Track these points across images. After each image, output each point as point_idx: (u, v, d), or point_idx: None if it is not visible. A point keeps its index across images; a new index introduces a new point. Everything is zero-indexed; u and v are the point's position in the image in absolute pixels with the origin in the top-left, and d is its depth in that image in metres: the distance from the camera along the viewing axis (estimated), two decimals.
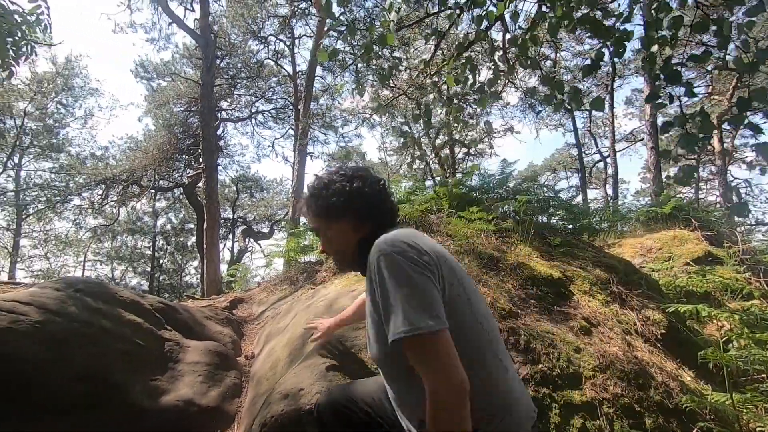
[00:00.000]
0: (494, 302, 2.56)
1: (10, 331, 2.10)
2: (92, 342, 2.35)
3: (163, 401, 2.33)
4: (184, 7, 12.63)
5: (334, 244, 1.32)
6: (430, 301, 1.01)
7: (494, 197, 4.48)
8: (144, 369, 2.44)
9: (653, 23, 1.89)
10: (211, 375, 2.63)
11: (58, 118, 18.84)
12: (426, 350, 0.98)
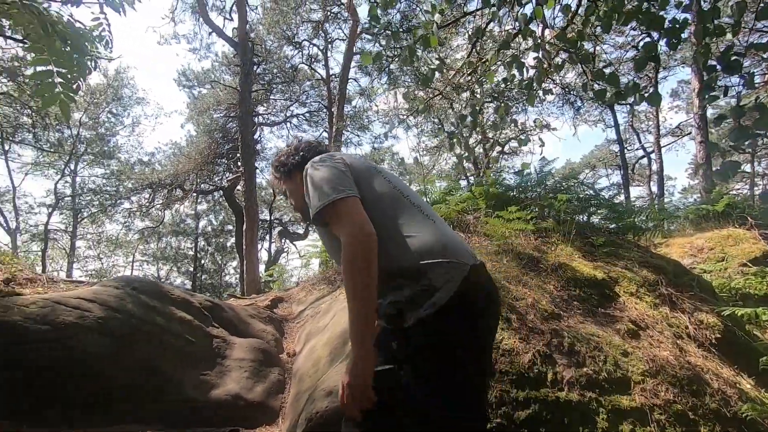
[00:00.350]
0: (535, 303, 2.52)
1: (77, 326, 2.26)
2: (148, 337, 2.49)
3: (213, 395, 2.44)
4: (223, 17, 13.14)
5: (293, 199, 1.51)
6: (338, 180, 1.22)
7: (533, 196, 4.38)
8: (195, 364, 2.57)
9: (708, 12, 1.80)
10: (256, 371, 2.73)
11: (108, 126, 20.03)
12: (336, 213, 1.16)
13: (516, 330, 2.25)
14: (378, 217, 1.18)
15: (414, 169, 18.60)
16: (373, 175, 1.33)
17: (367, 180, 1.29)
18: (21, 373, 2.03)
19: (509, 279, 2.77)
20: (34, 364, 2.07)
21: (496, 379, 1.97)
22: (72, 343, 2.23)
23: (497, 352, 2.09)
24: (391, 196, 1.28)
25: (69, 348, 2.21)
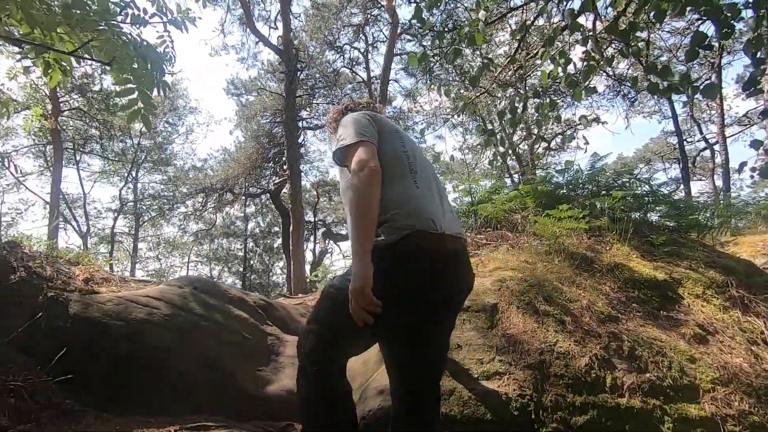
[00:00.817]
0: (591, 305, 2.43)
1: (147, 323, 2.44)
2: (209, 334, 2.64)
3: (269, 390, 2.55)
4: (268, 27, 13.64)
5: None
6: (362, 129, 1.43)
7: (584, 194, 4.21)
8: (252, 360, 2.69)
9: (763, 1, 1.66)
10: None
11: (165, 135, 21.35)
12: (350, 152, 1.38)
13: (571, 333, 2.18)
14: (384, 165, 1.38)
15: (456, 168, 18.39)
16: (393, 136, 1.52)
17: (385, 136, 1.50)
18: (102, 366, 2.22)
19: (562, 280, 2.69)
20: (112, 357, 2.26)
21: (550, 382, 1.92)
22: (143, 338, 2.40)
23: (551, 355, 2.04)
24: (394, 156, 1.46)
25: (140, 342, 2.39)
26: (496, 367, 1.99)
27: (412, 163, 1.47)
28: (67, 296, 2.39)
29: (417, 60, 2.46)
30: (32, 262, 2.52)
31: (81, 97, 15.72)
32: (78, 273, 2.75)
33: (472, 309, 2.35)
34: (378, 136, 1.47)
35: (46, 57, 1.82)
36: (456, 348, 2.10)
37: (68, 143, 17.36)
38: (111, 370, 2.25)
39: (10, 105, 2.44)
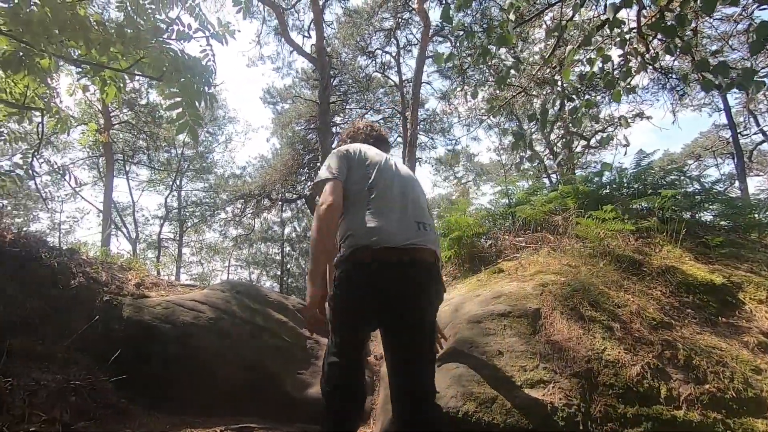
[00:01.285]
0: (641, 311, 2.30)
1: (193, 325, 2.54)
2: (251, 337, 2.72)
3: (308, 393, 2.59)
4: (302, 36, 13.96)
5: None
6: (333, 168, 1.73)
7: (629, 193, 4.02)
8: (292, 363, 2.74)
9: None
10: None
11: (206, 144, 22.25)
12: (319, 188, 1.70)
13: (620, 340, 2.08)
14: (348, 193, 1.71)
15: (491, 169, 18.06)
16: (362, 166, 1.78)
17: (354, 170, 1.77)
18: (152, 366, 2.32)
19: (608, 284, 2.57)
20: (162, 359, 2.37)
21: (599, 392, 1.84)
22: (189, 341, 2.50)
23: (599, 363, 1.95)
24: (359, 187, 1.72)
25: (187, 345, 2.49)
26: (540, 374, 1.92)
27: (373, 189, 1.71)
28: (121, 300, 2.52)
29: (443, 59, 2.42)
30: (89, 268, 2.68)
31: (130, 110, 16.70)
32: (130, 278, 2.90)
33: (513, 314, 2.29)
34: (349, 170, 1.76)
35: (103, 75, 1.94)
36: (497, 354, 2.05)
37: (118, 155, 18.45)
38: (160, 371, 2.36)
39: (68, 121, 2.63)
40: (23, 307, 2.15)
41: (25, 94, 2.21)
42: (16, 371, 1.86)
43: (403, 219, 1.66)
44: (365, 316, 1.63)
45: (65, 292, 2.36)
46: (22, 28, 1.25)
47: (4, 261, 2.27)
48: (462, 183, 21.42)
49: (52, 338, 2.14)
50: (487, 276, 3.19)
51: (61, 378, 1.95)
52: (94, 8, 2.55)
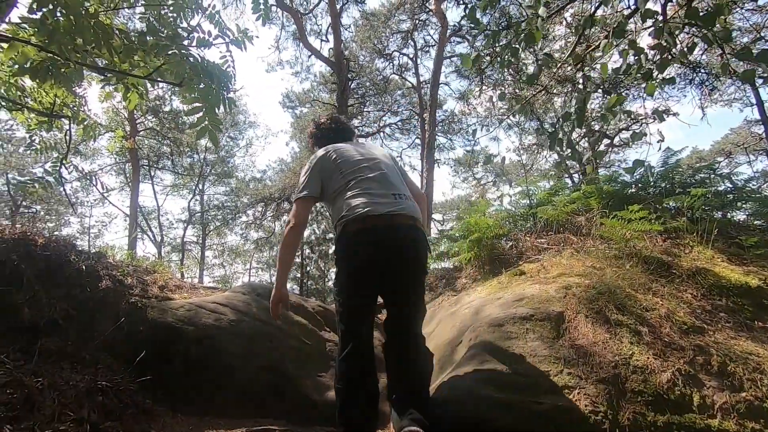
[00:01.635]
0: (670, 314, 2.22)
1: (215, 327, 2.57)
2: (271, 338, 2.73)
3: (328, 396, 2.58)
4: (320, 40, 14.10)
5: None
6: (304, 185, 2.08)
7: (656, 192, 3.89)
8: (311, 365, 2.75)
9: None
10: None
11: (228, 149, 22.71)
12: (294, 204, 2.10)
13: (648, 345, 2.00)
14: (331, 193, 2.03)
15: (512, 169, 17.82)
16: (332, 166, 2.07)
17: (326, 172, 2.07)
18: (175, 368, 2.36)
19: (635, 286, 2.49)
20: (185, 360, 2.40)
21: (627, 399, 1.77)
22: (211, 343, 2.54)
23: (627, 369, 1.88)
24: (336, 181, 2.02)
25: (209, 347, 2.52)
26: (565, 380, 1.86)
27: (347, 176, 2.02)
28: (146, 302, 2.58)
29: (470, 61, 2.39)
30: (116, 271, 2.76)
31: (154, 117, 17.19)
32: (154, 280, 2.97)
33: (536, 318, 2.24)
34: (320, 174, 2.09)
35: (126, 82, 2.00)
36: (519, 359, 2.00)
37: (144, 160, 19.00)
38: (183, 372, 2.39)
39: (96, 128, 2.71)
40: (52, 308, 2.22)
41: (54, 102, 2.29)
42: (46, 371, 1.92)
43: (381, 194, 1.95)
44: (365, 276, 1.90)
45: (92, 295, 2.43)
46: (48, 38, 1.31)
47: (36, 264, 2.34)
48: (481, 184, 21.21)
49: (80, 339, 2.20)
50: (508, 278, 3.13)
51: (88, 378, 2.00)
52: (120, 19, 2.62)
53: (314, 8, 14.24)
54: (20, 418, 1.64)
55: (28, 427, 1.61)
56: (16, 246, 2.31)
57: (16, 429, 1.58)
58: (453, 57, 15.35)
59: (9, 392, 1.68)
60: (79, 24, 1.33)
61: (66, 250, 2.57)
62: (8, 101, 2.20)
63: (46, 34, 1.31)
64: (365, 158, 2.11)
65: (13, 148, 18.16)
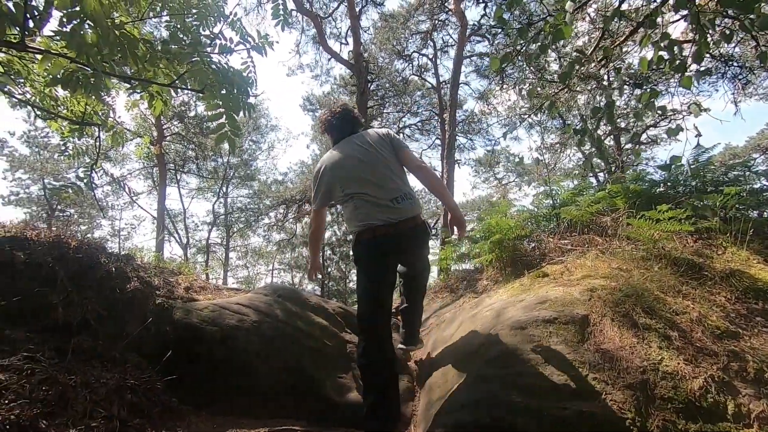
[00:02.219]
0: (702, 318, 2.13)
1: (238, 328, 2.62)
2: (292, 340, 2.76)
3: (349, 398, 2.59)
4: (339, 43, 14.22)
5: None
6: (315, 197, 2.45)
7: (686, 191, 3.75)
8: (332, 367, 2.76)
9: None
10: None
11: (250, 152, 23.15)
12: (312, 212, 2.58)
13: (679, 350, 1.93)
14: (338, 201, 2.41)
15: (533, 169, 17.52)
16: (333, 179, 2.36)
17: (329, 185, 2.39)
18: (200, 367, 2.42)
19: (664, 289, 2.40)
20: (208, 360, 2.46)
21: (656, 406, 1.71)
22: (234, 343, 2.58)
23: (656, 375, 1.82)
24: (338, 194, 2.37)
25: (232, 347, 2.56)
26: (590, 385, 1.81)
27: (347, 190, 2.32)
28: (172, 303, 2.65)
29: (498, 62, 2.35)
30: (143, 273, 2.84)
31: (180, 122, 17.68)
32: (180, 282, 3.04)
33: (559, 321, 2.19)
34: (324, 187, 2.40)
35: (151, 90, 2.07)
36: (543, 363, 1.96)
37: (170, 165, 19.55)
38: (207, 372, 2.44)
39: (123, 135, 2.81)
40: (84, 308, 2.31)
41: (85, 111, 2.39)
42: (78, 369, 1.99)
43: (382, 204, 2.24)
44: (379, 266, 2.27)
45: (121, 296, 2.51)
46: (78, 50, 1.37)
47: (69, 266, 2.44)
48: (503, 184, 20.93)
49: (110, 339, 2.28)
50: (530, 280, 3.07)
51: (118, 376, 2.07)
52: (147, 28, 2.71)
53: (334, 11, 14.37)
54: (55, 414, 1.71)
55: (62, 422, 1.68)
56: (51, 249, 2.41)
57: (51, 424, 1.64)
58: (473, 56, 15.23)
59: (45, 389, 1.75)
60: (105, 35, 1.39)
61: (97, 253, 2.66)
62: (43, 110, 2.31)
63: (75, 46, 1.38)
64: (362, 163, 2.32)
65: (49, 154, 19.00)
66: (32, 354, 1.90)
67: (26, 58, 2.08)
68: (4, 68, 2.13)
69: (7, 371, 1.75)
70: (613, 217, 3.64)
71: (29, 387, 1.73)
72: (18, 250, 2.28)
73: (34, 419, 1.61)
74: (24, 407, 1.62)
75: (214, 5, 2.25)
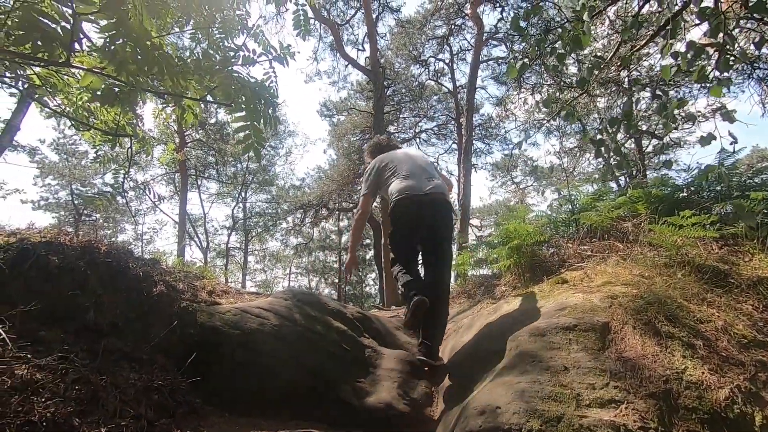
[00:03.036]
0: (728, 327, 2.09)
1: (259, 332, 2.68)
2: (312, 344, 2.81)
3: (367, 402, 2.61)
4: (356, 49, 14.38)
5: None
6: (366, 184, 3.24)
7: (711, 196, 3.66)
8: (351, 371, 2.79)
9: None
10: (405, 382, 2.84)
11: (268, 158, 23.52)
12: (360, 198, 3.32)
13: (703, 359, 1.89)
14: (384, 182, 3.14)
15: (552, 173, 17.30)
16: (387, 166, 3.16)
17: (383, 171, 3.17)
18: (223, 369, 2.48)
19: (688, 297, 2.36)
20: (231, 362, 2.52)
21: (680, 416, 1.68)
22: (255, 346, 2.64)
23: (679, 384, 1.79)
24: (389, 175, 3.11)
25: (253, 350, 2.62)
26: (612, 393, 1.79)
27: (396, 170, 3.09)
28: (195, 307, 2.72)
29: (516, 70, 2.36)
30: (168, 277, 2.93)
31: (201, 129, 18.11)
32: (203, 286, 3.13)
33: (579, 328, 2.17)
34: (379, 174, 3.19)
35: (183, 104, 2.16)
36: (563, 370, 1.95)
37: (191, 170, 20.02)
38: (229, 374, 2.51)
39: (151, 143, 2.92)
40: (113, 311, 2.40)
41: (117, 122, 2.51)
42: (108, 370, 2.07)
43: (419, 178, 3.00)
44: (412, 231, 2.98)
45: (148, 299, 2.60)
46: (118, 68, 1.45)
47: (99, 270, 2.54)
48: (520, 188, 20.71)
49: (136, 340, 2.36)
50: (549, 286, 3.05)
51: (145, 377, 2.14)
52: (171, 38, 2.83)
53: (351, 18, 14.55)
54: (87, 412, 1.78)
55: (93, 421, 1.75)
56: (83, 253, 2.51)
57: (83, 422, 1.71)
58: (489, 61, 15.17)
59: (77, 388, 1.83)
60: (144, 55, 1.47)
61: (125, 257, 2.76)
62: (77, 121, 2.44)
63: (116, 65, 1.47)
64: (407, 156, 3.25)
65: (76, 161, 19.69)
66: (66, 354, 1.98)
67: (62, 71, 2.20)
68: (42, 81, 2.26)
69: (43, 371, 1.83)
70: (634, 222, 3.58)
71: (63, 386, 1.81)
72: (53, 255, 2.39)
73: (68, 417, 1.68)
74: (59, 405, 1.70)
75: (237, 18, 2.33)
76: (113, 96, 1.57)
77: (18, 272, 2.22)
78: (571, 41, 2.10)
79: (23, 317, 2.03)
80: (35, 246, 2.38)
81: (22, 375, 1.73)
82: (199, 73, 1.78)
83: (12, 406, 1.59)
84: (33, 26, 1.33)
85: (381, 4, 14.95)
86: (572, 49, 2.12)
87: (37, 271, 2.30)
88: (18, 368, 1.76)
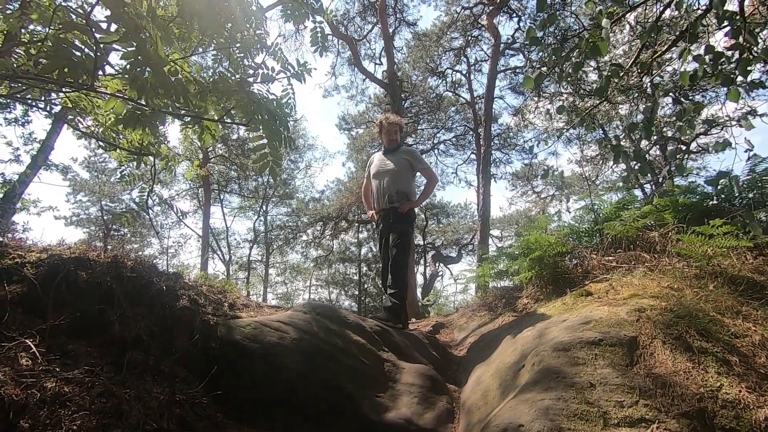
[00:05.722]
0: (765, 342, 1.98)
1: (279, 346, 2.69)
2: (330, 358, 2.79)
3: (387, 417, 2.58)
4: (374, 63, 14.56)
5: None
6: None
7: (743, 204, 3.52)
8: (369, 385, 2.76)
9: None
10: (425, 397, 2.79)
11: (289, 171, 23.88)
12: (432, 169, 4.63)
13: (740, 376, 1.80)
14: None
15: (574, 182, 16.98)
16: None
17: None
18: (243, 383, 2.49)
19: (721, 310, 2.25)
20: (250, 376, 2.53)
21: None
22: (275, 360, 2.64)
23: (714, 403, 1.70)
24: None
25: (273, 364, 2.63)
26: (641, 412, 1.72)
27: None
28: (217, 321, 2.76)
29: (533, 81, 2.35)
30: (191, 291, 2.98)
31: (223, 145, 18.58)
32: (224, 299, 3.17)
33: (605, 342, 2.10)
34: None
35: (201, 124, 2.23)
36: (588, 387, 1.88)
37: (214, 185, 20.51)
38: (249, 388, 2.51)
39: (175, 160, 3.02)
40: (137, 325, 2.45)
41: (141, 142, 2.60)
42: (132, 383, 2.11)
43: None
44: None
45: (171, 313, 2.65)
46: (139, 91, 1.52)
47: (124, 284, 2.61)
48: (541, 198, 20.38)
49: (159, 354, 2.40)
50: (573, 299, 2.97)
51: (168, 391, 2.17)
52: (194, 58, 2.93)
53: (368, 34, 14.78)
54: (111, 425, 1.81)
55: None
56: (109, 268, 2.59)
57: None
58: (507, 70, 15.12)
59: (102, 401, 1.87)
60: (161, 81, 1.53)
61: (150, 272, 2.83)
62: (105, 142, 2.54)
63: (137, 89, 1.54)
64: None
65: (106, 178, 20.45)
66: (92, 368, 2.03)
67: (91, 95, 2.31)
68: (73, 104, 2.37)
69: (70, 384, 1.88)
70: (661, 232, 3.47)
71: (89, 399, 1.85)
72: (81, 270, 2.47)
73: (94, 430, 1.72)
74: (84, 418, 1.73)
75: (257, 37, 2.40)
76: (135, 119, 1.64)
77: (49, 287, 2.30)
78: (589, 49, 2.07)
79: (53, 331, 2.09)
80: (65, 261, 2.46)
81: (51, 388, 1.78)
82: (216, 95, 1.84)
83: (41, 419, 1.64)
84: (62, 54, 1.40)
85: (397, 18, 15.15)
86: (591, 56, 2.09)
87: (67, 285, 2.37)
88: (47, 381, 1.81)
